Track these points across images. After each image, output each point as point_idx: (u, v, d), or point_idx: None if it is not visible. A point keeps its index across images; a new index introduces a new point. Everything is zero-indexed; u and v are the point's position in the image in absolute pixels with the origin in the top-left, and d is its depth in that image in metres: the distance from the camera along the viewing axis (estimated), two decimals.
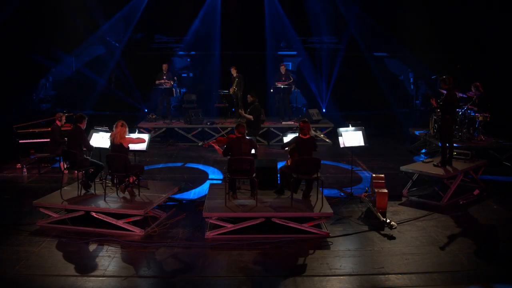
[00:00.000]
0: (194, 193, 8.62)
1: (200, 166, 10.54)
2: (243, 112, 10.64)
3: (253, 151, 7.27)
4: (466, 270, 5.64)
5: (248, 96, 10.51)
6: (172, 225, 6.95)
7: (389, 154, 11.53)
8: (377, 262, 5.86)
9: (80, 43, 16.01)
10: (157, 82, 13.12)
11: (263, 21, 16.16)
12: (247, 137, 7.24)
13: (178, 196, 8.25)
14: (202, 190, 8.73)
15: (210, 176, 9.73)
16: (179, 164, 10.75)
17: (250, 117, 10.08)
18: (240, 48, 15.97)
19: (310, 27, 16.80)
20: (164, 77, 13.11)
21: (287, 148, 7.47)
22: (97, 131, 8.16)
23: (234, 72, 13.25)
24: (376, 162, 10.61)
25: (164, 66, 13.26)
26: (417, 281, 5.40)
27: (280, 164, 7.97)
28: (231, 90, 13.19)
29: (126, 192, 7.24)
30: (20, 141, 10.22)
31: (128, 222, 6.70)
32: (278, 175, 7.61)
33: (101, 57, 16.95)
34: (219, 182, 9.15)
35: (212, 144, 7.77)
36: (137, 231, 6.65)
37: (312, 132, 7.82)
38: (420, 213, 7.55)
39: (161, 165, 10.55)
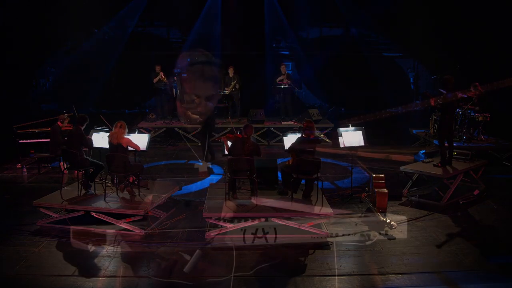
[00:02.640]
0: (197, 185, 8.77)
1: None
2: (190, 113, 10.77)
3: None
4: (466, 270, 5.65)
5: (195, 97, 10.70)
6: (172, 225, 6.96)
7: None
8: (377, 262, 5.87)
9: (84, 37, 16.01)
10: (154, 81, 13.10)
11: (263, 21, 16.15)
12: (252, 141, 7.21)
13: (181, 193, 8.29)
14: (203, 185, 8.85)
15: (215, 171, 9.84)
16: (180, 162, 10.79)
17: (197, 117, 10.24)
18: (240, 48, 15.93)
19: (310, 27, 16.76)
20: (163, 77, 13.07)
21: (287, 148, 7.46)
22: (97, 131, 8.16)
23: (231, 72, 13.22)
24: (376, 162, 10.61)
25: (158, 68, 13.20)
26: (417, 281, 5.40)
27: (279, 161, 7.96)
28: (228, 90, 13.17)
29: (126, 192, 7.24)
30: (20, 141, 10.22)
31: (128, 222, 6.70)
32: (279, 173, 7.60)
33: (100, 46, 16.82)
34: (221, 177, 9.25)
35: (223, 140, 7.71)
36: (137, 231, 6.65)
37: (316, 133, 7.83)
38: (420, 213, 7.55)
39: (163, 162, 10.59)
